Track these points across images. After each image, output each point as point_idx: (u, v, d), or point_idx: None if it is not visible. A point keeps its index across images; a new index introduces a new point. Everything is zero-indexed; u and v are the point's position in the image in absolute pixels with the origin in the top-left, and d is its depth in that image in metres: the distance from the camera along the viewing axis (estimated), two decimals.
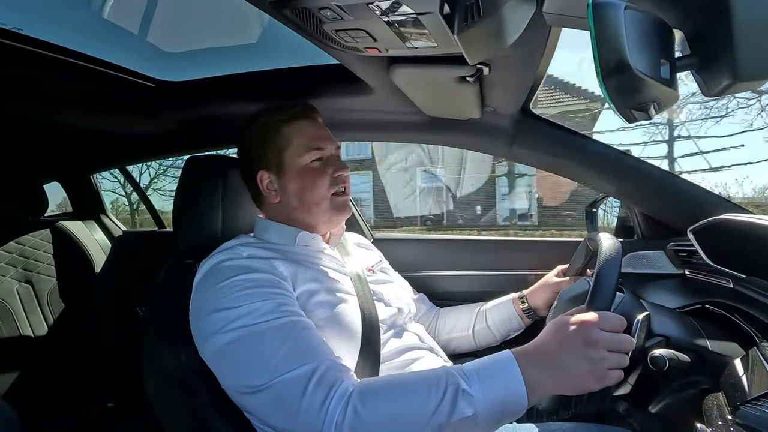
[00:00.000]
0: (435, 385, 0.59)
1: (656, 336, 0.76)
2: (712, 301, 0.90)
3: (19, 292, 1.59)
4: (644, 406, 0.78)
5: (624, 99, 0.44)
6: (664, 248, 1.17)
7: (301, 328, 0.68)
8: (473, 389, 0.59)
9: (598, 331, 0.60)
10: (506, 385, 0.59)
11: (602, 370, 0.59)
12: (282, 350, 0.64)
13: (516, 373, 0.59)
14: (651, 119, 0.46)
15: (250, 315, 0.67)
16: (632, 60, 0.40)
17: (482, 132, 1.21)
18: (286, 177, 0.88)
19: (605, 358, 0.59)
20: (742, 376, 0.66)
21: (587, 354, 0.59)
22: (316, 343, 0.67)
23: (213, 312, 0.69)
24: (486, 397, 0.58)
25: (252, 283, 0.71)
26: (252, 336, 0.65)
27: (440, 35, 0.66)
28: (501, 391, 0.59)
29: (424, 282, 1.40)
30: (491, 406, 0.58)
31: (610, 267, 0.73)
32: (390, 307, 0.92)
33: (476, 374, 0.61)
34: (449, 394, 0.58)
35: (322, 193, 0.87)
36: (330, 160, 0.90)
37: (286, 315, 0.68)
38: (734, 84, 0.42)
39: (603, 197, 1.36)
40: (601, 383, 0.59)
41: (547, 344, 0.63)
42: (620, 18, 0.40)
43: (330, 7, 0.62)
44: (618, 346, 0.60)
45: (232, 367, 0.66)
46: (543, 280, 1.08)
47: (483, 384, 0.59)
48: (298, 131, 0.89)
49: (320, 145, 0.89)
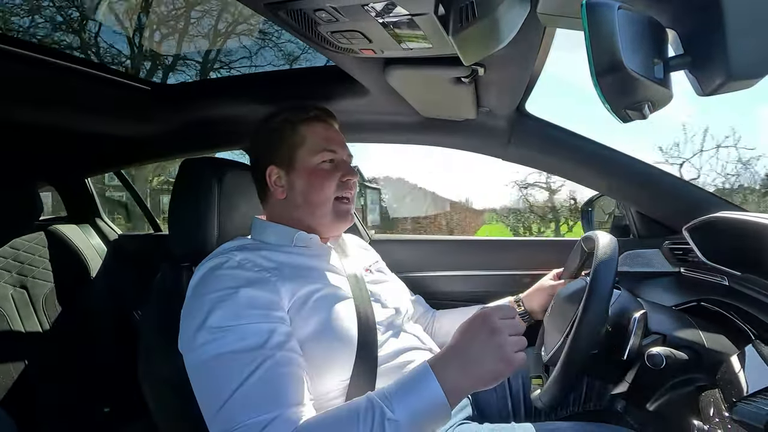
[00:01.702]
0: (363, 420, 0.61)
1: (653, 334, 0.77)
2: (708, 299, 0.90)
3: (14, 297, 1.57)
4: (642, 403, 0.79)
5: (618, 99, 0.44)
6: (659, 247, 1.18)
7: (274, 365, 0.66)
8: (397, 414, 0.61)
9: (497, 320, 0.65)
10: (428, 397, 0.63)
11: (509, 353, 0.63)
12: (243, 388, 0.63)
13: (434, 384, 0.63)
14: (645, 119, 0.46)
15: (229, 337, 0.66)
16: (626, 60, 0.41)
17: (478, 132, 1.22)
18: (295, 174, 0.89)
19: (508, 342, 0.64)
20: (738, 373, 0.67)
21: (493, 341, 0.64)
22: (283, 387, 0.66)
23: (199, 327, 0.68)
24: (411, 417, 0.61)
25: (243, 302, 0.70)
26: (223, 363, 0.65)
27: (435, 36, 0.66)
28: (424, 404, 0.62)
29: (421, 283, 1.40)
30: (417, 421, 0.62)
31: (607, 263, 0.74)
32: (387, 307, 0.91)
33: (397, 396, 0.63)
34: (377, 426, 0.60)
35: (327, 194, 0.88)
36: (340, 165, 0.91)
37: (264, 348, 0.67)
38: (727, 83, 0.42)
39: (598, 196, 1.36)
40: (511, 366, 0.63)
41: (458, 344, 0.67)
42: (614, 18, 0.41)
43: (325, 9, 0.62)
44: (515, 329, 0.66)
45: (199, 390, 0.67)
46: (538, 284, 1.08)
47: (405, 404, 0.62)
48: (314, 131, 0.90)
49: (333, 147, 0.90)
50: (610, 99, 0.44)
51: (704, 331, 0.77)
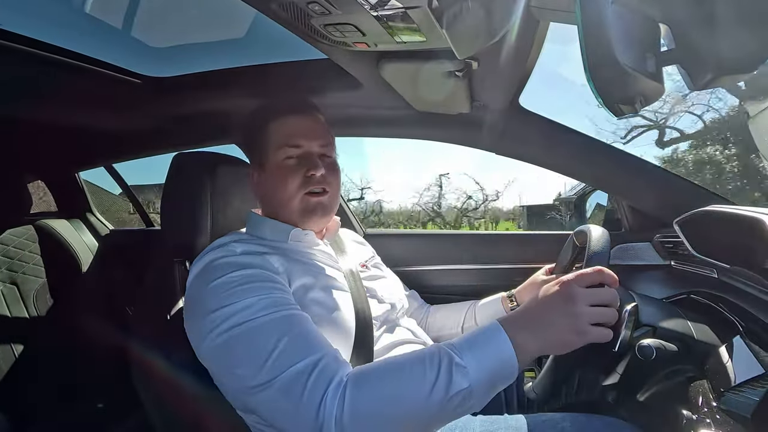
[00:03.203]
0: (429, 363, 0.60)
1: (644, 326, 0.78)
2: (698, 291, 0.91)
3: (4, 293, 1.56)
4: (633, 394, 0.80)
5: (611, 92, 0.44)
6: (650, 240, 1.19)
7: (299, 321, 0.68)
8: (465, 361, 0.60)
9: (576, 287, 0.62)
10: (496, 351, 0.61)
11: (583, 324, 0.60)
12: (281, 345, 0.63)
13: (504, 338, 0.61)
14: (637, 113, 0.46)
15: (246, 311, 0.66)
16: (619, 54, 0.41)
17: (472, 126, 1.22)
18: (266, 173, 0.88)
19: (585, 312, 0.61)
20: (726, 364, 0.68)
21: (566, 310, 0.61)
22: (314, 335, 0.67)
23: (208, 312, 0.67)
24: (479, 367, 0.60)
25: (247, 279, 0.70)
26: (249, 332, 0.64)
27: (429, 30, 0.66)
28: (492, 358, 0.60)
29: (416, 277, 1.40)
30: (484, 374, 0.60)
31: (599, 255, 0.74)
32: (383, 303, 0.92)
33: (467, 346, 0.62)
34: (444, 370, 0.59)
35: (291, 191, 0.85)
36: (306, 159, 0.87)
37: (283, 309, 0.68)
38: (718, 77, 0.42)
39: (591, 190, 1.37)
40: (583, 338, 0.60)
41: (531, 308, 0.65)
42: (607, 12, 0.41)
43: (318, 2, 0.62)
44: (597, 299, 0.62)
45: (232, 366, 0.65)
46: (531, 279, 1.09)
47: (474, 355, 0.61)
48: (280, 127, 0.88)
49: (296, 142, 0.87)
50: (602, 93, 0.44)
51: (693, 323, 0.78)
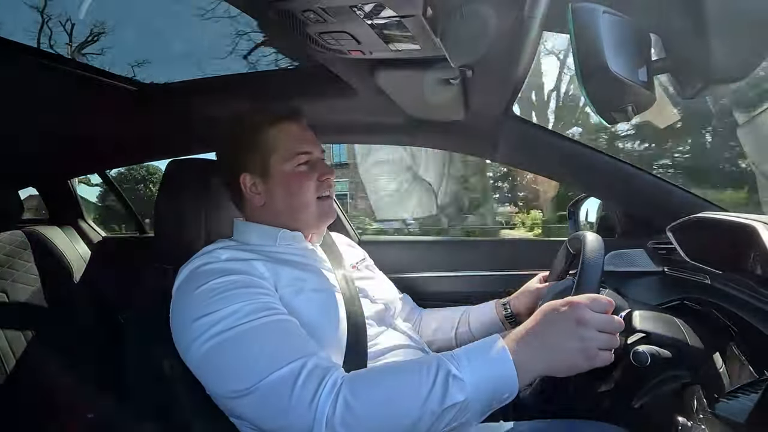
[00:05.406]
0: (426, 372, 0.59)
1: (638, 332, 0.78)
2: (691, 297, 0.92)
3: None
4: (627, 401, 0.80)
5: (603, 101, 0.45)
6: (644, 246, 1.20)
7: (285, 326, 0.67)
8: (463, 374, 0.59)
9: (589, 311, 0.61)
10: (496, 367, 0.59)
11: (592, 349, 0.59)
12: (266, 350, 0.63)
13: (505, 354, 0.59)
14: (629, 121, 0.47)
15: (230, 317, 0.65)
16: (611, 63, 0.41)
17: (466, 134, 1.22)
18: (272, 181, 0.86)
19: (595, 337, 0.59)
20: (720, 370, 0.68)
21: (578, 333, 0.59)
22: (301, 339, 0.67)
23: (193, 319, 0.67)
24: (477, 381, 0.58)
25: (231, 285, 0.70)
26: (234, 338, 0.64)
27: (424, 38, 0.66)
28: (491, 374, 0.59)
29: (410, 283, 1.40)
30: (482, 388, 0.58)
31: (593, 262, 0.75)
32: (375, 303, 0.91)
33: (466, 358, 0.61)
34: (440, 380, 0.58)
35: (309, 197, 0.87)
36: (316, 164, 0.89)
37: (268, 314, 0.67)
38: (708, 86, 0.43)
39: (584, 196, 1.38)
40: (591, 362, 0.59)
41: (537, 326, 0.63)
42: (599, 22, 0.41)
43: (313, 10, 0.62)
44: (608, 327, 0.61)
45: (217, 373, 0.65)
46: (525, 287, 1.09)
47: (473, 368, 0.59)
48: (285, 134, 0.87)
49: (307, 149, 0.88)
50: (595, 101, 0.45)
51: (687, 329, 0.78)
